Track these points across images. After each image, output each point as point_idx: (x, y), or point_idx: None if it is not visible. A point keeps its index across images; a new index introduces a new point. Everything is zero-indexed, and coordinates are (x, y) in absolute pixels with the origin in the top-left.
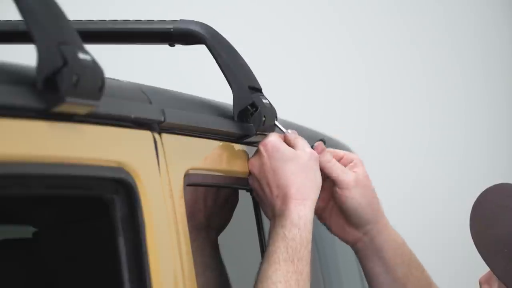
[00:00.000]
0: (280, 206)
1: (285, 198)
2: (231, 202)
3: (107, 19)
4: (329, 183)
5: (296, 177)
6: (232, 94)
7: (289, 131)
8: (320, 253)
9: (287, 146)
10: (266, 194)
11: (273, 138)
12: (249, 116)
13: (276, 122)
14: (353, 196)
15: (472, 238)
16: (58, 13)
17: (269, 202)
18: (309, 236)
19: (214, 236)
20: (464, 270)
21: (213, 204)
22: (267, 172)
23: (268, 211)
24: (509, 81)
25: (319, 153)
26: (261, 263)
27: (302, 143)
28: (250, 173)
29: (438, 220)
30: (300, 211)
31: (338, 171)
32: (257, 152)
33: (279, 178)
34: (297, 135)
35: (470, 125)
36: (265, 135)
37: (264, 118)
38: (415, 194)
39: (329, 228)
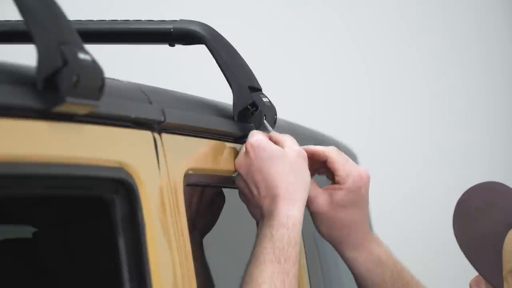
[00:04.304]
0: (268, 207)
1: (273, 198)
2: (217, 204)
3: (107, 19)
4: None
5: (285, 176)
6: (232, 94)
7: (273, 132)
8: (320, 252)
9: (274, 144)
10: (253, 194)
11: (259, 137)
12: (249, 116)
13: (264, 121)
14: (314, 221)
15: (455, 235)
16: (58, 13)
17: (257, 202)
18: (298, 237)
19: (198, 238)
20: (463, 271)
21: (198, 205)
22: (254, 172)
23: (255, 212)
24: (509, 81)
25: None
26: (248, 264)
27: (289, 141)
28: (236, 173)
29: (438, 220)
30: (289, 211)
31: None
32: (244, 151)
33: (267, 178)
34: (281, 134)
35: (470, 125)
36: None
37: (265, 117)
38: (415, 194)
39: None
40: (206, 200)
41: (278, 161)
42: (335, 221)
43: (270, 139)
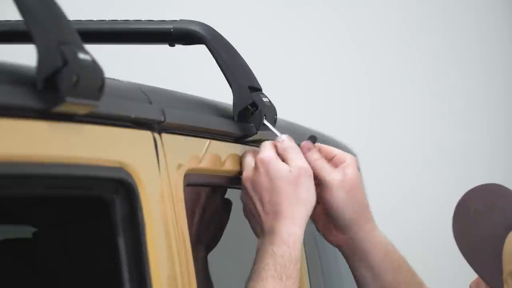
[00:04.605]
0: (271, 223)
1: (276, 215)
2: (218, 204)
3: (107, 19)
4: (316, 182)
5: (289, 195)
6: (232, 94)
7: (283, 137)
8: (320, 252)
9: (282, 162)
10: (257, 210)
11: (269, 153)
12: (249, 116)
13: (267, 123)
14: (337, 196)
15: (455, 237)
16: (58, 13)
17: (260, 218)
18: (298, 254)
19: (203, 252)
20: (463, 272)
21: (198, 206)
22: (261, 188)
23: (257, 228)
24: (509, 81)
25: (306, 152)
26: (248, 280)
27: (293, 156)
28: (242, 188)
29: (438, 220)
30: (290, 229)
31: (324, 170)
32: (252, 166)
33: (272, 195)
34: (287, 145)
35: (470, 125)
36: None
37: (264, 117)
38: (415, 194)
39: (317, 229)
40: (206, 200)
41: (285, 180)
42: (353, 192)
43: (276, 150)
